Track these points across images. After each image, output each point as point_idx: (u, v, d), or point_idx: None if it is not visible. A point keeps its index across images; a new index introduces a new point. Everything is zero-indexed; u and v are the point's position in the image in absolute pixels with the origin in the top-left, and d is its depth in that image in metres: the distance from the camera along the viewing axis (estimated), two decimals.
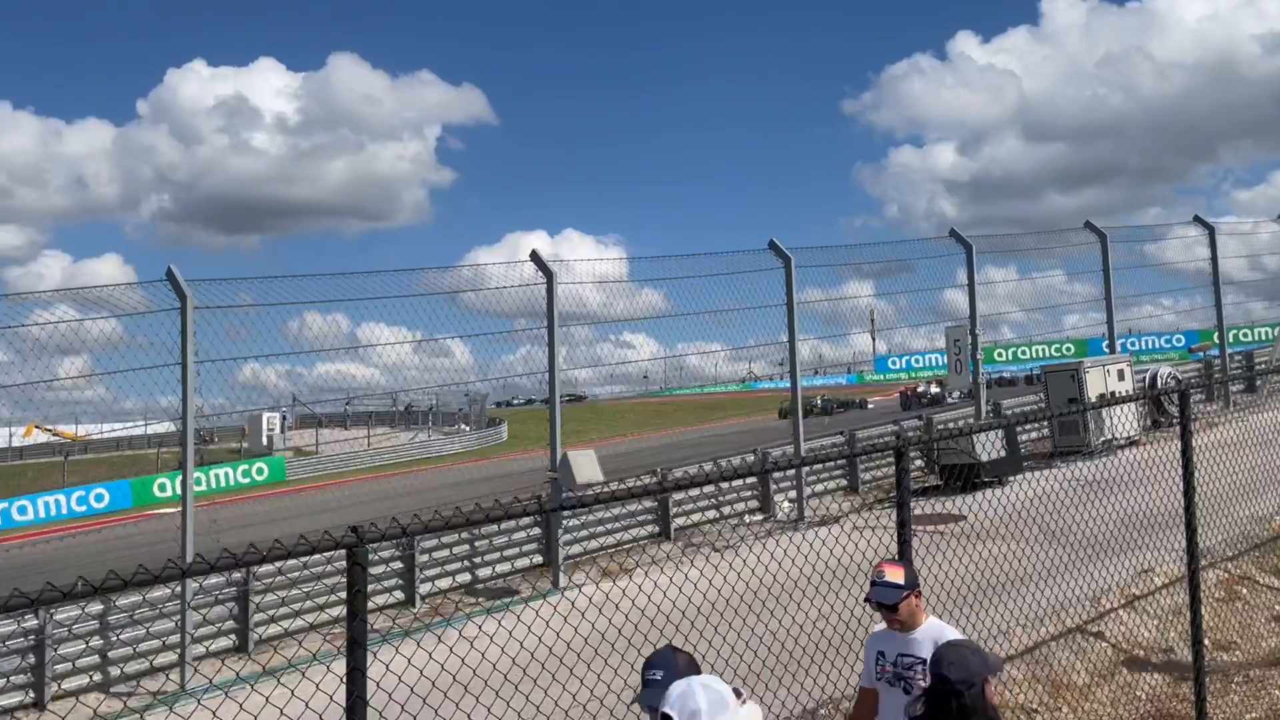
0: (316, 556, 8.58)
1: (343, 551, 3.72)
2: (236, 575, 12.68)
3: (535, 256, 15.42)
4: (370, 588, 14.40)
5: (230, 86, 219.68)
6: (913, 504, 18.38)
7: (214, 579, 12.27)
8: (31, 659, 11.63)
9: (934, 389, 56.33)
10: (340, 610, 11.51)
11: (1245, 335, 50.76)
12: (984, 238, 21.13)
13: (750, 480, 18.10)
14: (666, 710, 3.15)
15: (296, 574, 12.99)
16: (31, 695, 11.64)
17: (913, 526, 5.62)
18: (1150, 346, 61.54)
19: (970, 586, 9.12)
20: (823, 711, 8.64)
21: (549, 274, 15.26)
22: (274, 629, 13.22)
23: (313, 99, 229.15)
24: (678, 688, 3.24)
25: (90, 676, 11.87)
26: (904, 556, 5.24)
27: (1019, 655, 9.46)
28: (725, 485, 17.60)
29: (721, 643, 8.53)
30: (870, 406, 54.20)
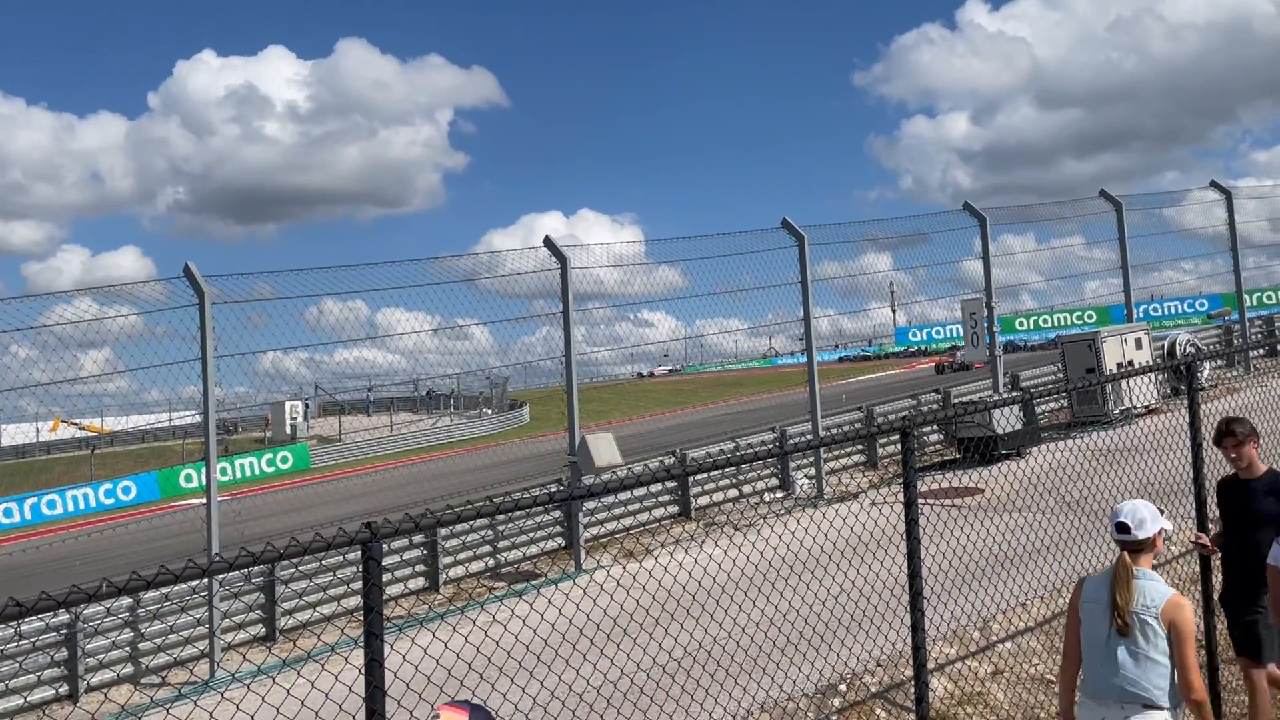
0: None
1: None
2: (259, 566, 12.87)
3: (549, 242, 15.50)
4: (394, 574, 14.56)
5: (240, 76, 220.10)
6: (932, 477, 18.35)
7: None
8: (64, 653, 11.87)
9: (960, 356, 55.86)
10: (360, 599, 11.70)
11: (1269, 298, 50.43)
12: (998, 209, 21.07)
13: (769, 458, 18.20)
14: (1122, 519, 4.70)
15: (315, 567, 13.18)
16: (66, 688, 11.88)
17: (930, 501, 5.72)
18: (1173, 312, 61.26)
19: (988, 559, 9.21)
20: (842, 685, 8.74)
21: (563, 260, 15.34)
22: (299, 618, 13.44)
23: (323, 86, 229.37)
24: (1127, 505, 4.77)
25: (117, 671, 12.13)
26: (911, 536, 5.29)
27: (1037, 626, 9.53)
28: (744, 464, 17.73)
29: (746, 619, 8.64)
30: None
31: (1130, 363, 20.32)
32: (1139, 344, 21.30)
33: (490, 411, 63.14)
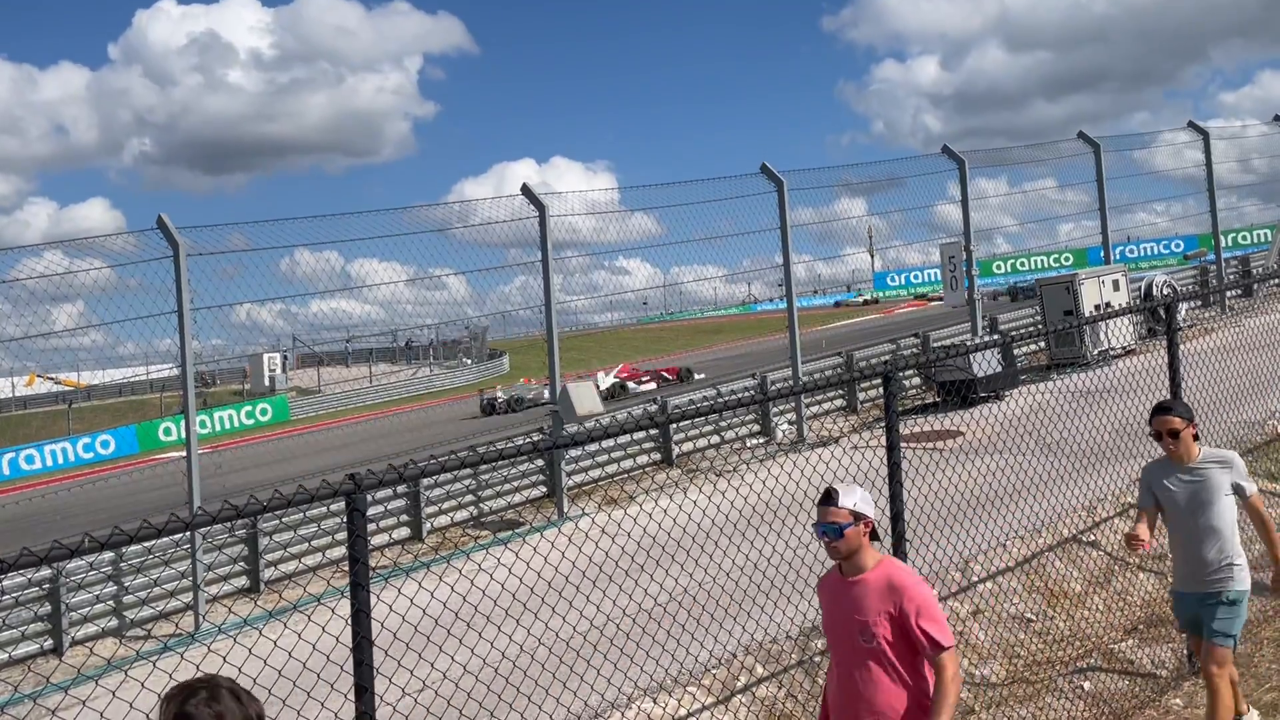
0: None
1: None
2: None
3: (526, 190, 15.37)
4: (379, 524, 14.52)
5: (201, 24, 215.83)
6: (911, 421, 18.40)
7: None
8: (47, 607, 11.87)
9: (500, 395, 38.98)
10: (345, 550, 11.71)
11: (1244, 239, 50.66)
12: (977, 152, 21.03)
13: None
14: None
15: (299, 518, 13.17)
16: (50, 642, 11.90)
17: (911, 444, 5.75)
18: (1149, 253, 61.50)
19: (968, 501, 9.28)
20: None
21: (541, 207, 15.22)
22: (283, 569, 13.47)
23: (287, 33, 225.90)
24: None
25: (101, 625, 12.16)
26: (893, 479, 5.33)
27: (1016, 566, 9.63)
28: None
29: (730, 564, 8.70)
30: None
31: (1108, 304, 20.41)
32: (1116, 286, 21.40)
33: (470, 361, 63.03)
